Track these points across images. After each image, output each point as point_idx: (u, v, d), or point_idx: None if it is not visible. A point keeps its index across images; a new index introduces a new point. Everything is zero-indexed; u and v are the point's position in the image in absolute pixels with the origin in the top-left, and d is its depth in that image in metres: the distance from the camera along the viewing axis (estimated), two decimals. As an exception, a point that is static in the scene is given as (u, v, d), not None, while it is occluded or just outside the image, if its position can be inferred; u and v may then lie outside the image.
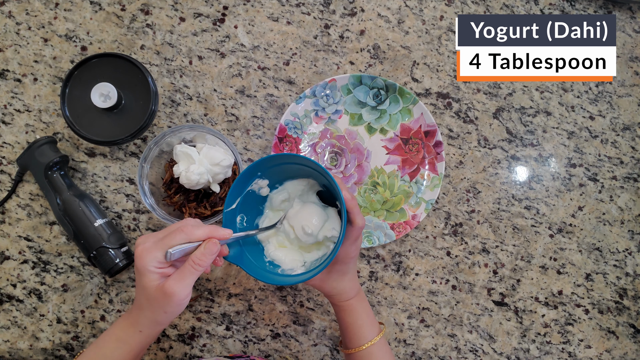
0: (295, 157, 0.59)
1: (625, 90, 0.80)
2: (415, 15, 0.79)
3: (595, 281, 0.78)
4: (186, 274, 0.50)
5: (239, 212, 0.61)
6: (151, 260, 0.50)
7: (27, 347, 0.74)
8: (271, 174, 0.61)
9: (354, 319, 0.61)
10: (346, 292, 0.61)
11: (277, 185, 0.64)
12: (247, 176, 0.59)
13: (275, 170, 0.61)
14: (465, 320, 0.77)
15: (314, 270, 0.57)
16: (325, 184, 0.61)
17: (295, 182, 0.64)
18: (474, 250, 0.78)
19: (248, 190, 0.61)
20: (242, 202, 0.61)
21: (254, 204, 0.64)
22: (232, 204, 0.60)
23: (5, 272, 0.74)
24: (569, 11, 0.81)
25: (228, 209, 0.59)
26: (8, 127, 0.75)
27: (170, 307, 0.51)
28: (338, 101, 0.77)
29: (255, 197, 0.63)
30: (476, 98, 0.79)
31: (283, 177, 0.64)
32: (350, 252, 0.58)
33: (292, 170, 0.62)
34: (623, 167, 0.80)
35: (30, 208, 0.74)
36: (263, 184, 0.62)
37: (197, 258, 0.50)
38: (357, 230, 0.56)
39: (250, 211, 0.63)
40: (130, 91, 0.72)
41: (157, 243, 0.50)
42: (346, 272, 0.60)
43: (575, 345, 0.78)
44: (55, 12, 0.76)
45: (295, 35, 0.78)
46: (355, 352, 0.61)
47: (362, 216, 0.57)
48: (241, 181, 0.59)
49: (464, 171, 0.78)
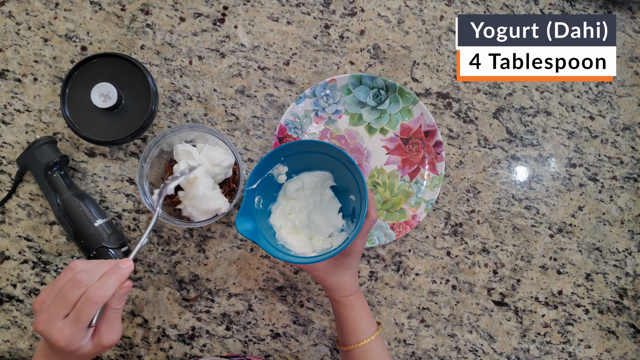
0: (325, 146, 0.61)
1: (625, 90, 0.80)
2: (415, 15, 0.79)
3: (595, 281, 0.78)
4: (113, 320, 0.50)
5: (257, 192, 0.63)
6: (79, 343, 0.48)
7: (27, 347, 0.73)
8: (292, 162, 0.64)
9: (353, 315, 0.62)
10: (346, 288, 0.62)
11: (293, 175, 0.67)
12: (272, 159, 0.62)
13: (298, 158, 0.63)
14: (465, 320, 0.77)
15: (326, 254, 0.58)
16: (344, 176, 0.64)
17: (312, 173, 0.67)
18: (474, 250, 0.78)
19: (268, 174, 0.63)
20: (261, 184, 0.63)
21: (270, 190, 0.66)
22: (253, 183, 0.62)
23: (5, 272, 0.74)
24: (569, 11, 0.81)
25: (250, 187, 0.61)
26: (8, 127, 0.75)
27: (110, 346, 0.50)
28: (338, 101, 0.77)
29: (272, 183, 0.65)
30: (476, 98, 0.79)
31: (301, 167, 0.66)
32: (358, 246, 0.60)
33: (313, 160, 0.65)
34: (623, 167, 0.80)
35: (30, 208, 0.74)
36: (283, 170, 0.65)
37: (115, 304, 0.50)
38: (370, 223, 0.58)
39: (266, 195, 0.65)
40: (130, 91, 0.72)
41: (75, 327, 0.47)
42: (350, 267, 0.62)
43: (575, 345, 0.78)
44: (55, 12, 0.76)
45: (295, 35, 0.78)
46: (353, 349, 0.62)
47: (376, 210, 0.59)
48: (265, 163, 0.61)
49: (464, 171, 0.78)
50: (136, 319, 0.74)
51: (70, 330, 0.47)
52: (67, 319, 0.47)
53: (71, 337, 0.47)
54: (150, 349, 0.75)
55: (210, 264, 0.75)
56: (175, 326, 0.75)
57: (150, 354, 0.75)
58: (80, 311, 0.47)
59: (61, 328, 0.47)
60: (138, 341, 0.74)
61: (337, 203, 0.68)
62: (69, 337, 0.47)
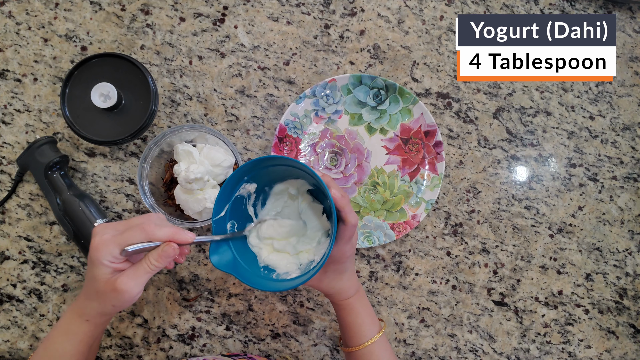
0: (280, 159, 0.57)
1: (625, 90, 0.80)
2: (415, 15, 0.79)
3: (595, 281, 0.78)
4: (140, 273, 0.49)
5: (229, 219, 0.60)
6: (106, 254, 0.49)
7: (27, 347, 0.74)
8: (259, 178, 0.60)
9: (354, 317, 0.61)
10: (345, 291, 0.60)
11: (266, 189, 0.63)
12: (234, 182, 0.58)
13: (263, 173, 0.59)
14: (465, 320, 0.77)
15: (307, 274, 0.56)
16: (316, 183, 0.60)
17: (285, 184, 0.63)
18: (474, 250, 0.78)
19: (236, 196, 0.60)
20: (231, 209, 0.59)
21: (243, 212, 0.62)
22: (220, 211, 0.58)
23: (5, 272, 0.74)
24: (569, 11, 0.81)
25: (217, 217, 0.58)
26: (8, 127, 0.75)
27: (119, 302, 0.50)
28: (338, 101, 0.77)
29: (244, 203, 0.62)
30: (476, 98, 0.79)
31: (272, 179, 0.62)
32: (346, 252, 0.57)
33: (280, 172, 0.61)
34: (623, 167, 0.80)
35: (30, 208, 0.74)
36: (251, 188, 0.61)
37: (154, 259, 0.50)
38: (351, 229, 0.55)
39: (240, 217, 0.62)
40: (130, 91, 0.72)
41: (116, 237, 0.49)
42: (343, 271, 0.59)
43: (575, 345, 0.78)
44: (55, 12, 0.76)
45: (295, 35, 0.78)
46: (356, 350, 0.61)
47: (354, 214, 0.55)
48: (228, 188, 0.58)
49: (464, 171, 0.78)
50: (136, 319, 0.74)
51: (109, 238, 0.49)
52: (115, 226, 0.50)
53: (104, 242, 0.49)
54: (150, 349, 0.75)
55: (210, 264, 0.75)
56: (175, 326, 0.75)
57: (150, 354, 0.75)
58: (127, 227, 0.50)
59: (103, 232, 0.50)
60: (138, 341, 0.74)
61: (318, 205, 0.63)
62: (103, 240, 0.49)
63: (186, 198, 0.69)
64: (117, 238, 0.49)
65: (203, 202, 0.68)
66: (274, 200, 0.64)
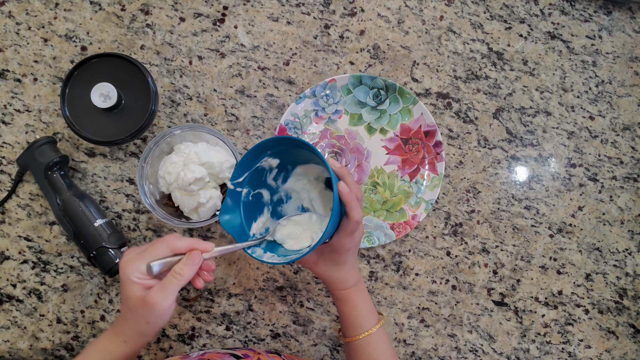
0: (301, 143, 0.58)
1: (625, 90, 0.80)
2: (415, 15, 0.79)
3: (595, 281, 0.78)
4: (167, 285, 0.51)
5: (246, 184, 0.62)
6: (133, 271, 0.51)
7: (27, 347, 0.74)
8: (282, 155, 0.62)
9: (350, 308, 0.62)
10: (342, 282, 0.61)
11: (289, 167, 0.65)
12: (256, 154, 0.60)
13: (286, 152, 0.62)
14: (465, 320, 0.77)
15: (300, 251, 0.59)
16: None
17: (307, 167, 0.65)
18: (474, 250, 0.78)
19: (257, 167, 0.62)
20: (250, 177, 0.62)
21: (263, 181, 0.65)
22: (239, 176, 0.61)
23: (5, 272, 0.74)
24: (569, 11, 0.81)
25: (235, 181, 0.61)
26: (8, 127, 0.75)
27: (152, 318, 0.52)
28: (338, 101, 0.77)
29: (264, 174, 0.64)
30: (476, 98, 0.79)
31: (295, 160, 0.64)
32: (345, 244, 0.58)
33: (304, 155, 0.63)
34: (623, 167, 0.80)
35: (30, 208, 0.74)
36: (273, 162, 0.63)
37: (179, 268, 0.52)
38: (353, 224, 0.56)
39: (257, 186, 0.64)
40: (130, 91, 0.72)
41: (140, 254, 0.52)
42: (342, 263, 0.60)
43: (575, 345, 0.78)
44: (55, 12, 0.76)
45: (295, 35, 0.78)
46: (352, 341, 0.62)
47: (359, 210, 0.56)
48: (249, 158, 0.60)
49: (464, 171, 0.78)
50: (136, 319, 0.74)
51: (134, 256, 0.52)
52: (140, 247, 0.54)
53: (130, 260, 0.52)
54: (150, 349, 0.75)
55: (210, 264, 0.75)
56: (175, 326, 0.75)
57: (150, 354, 0.75)
58: (150, 246, 0.53)
59: (129, 253, 0.53)
60: (138, 341, 0.74)
61: (330, 192, 0.65)
62: (129, 259, 0.52)
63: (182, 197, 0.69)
64: (141, 254, 0.52)
65: (197, 197, 0.67)
66: (295, 180, 0.66)
